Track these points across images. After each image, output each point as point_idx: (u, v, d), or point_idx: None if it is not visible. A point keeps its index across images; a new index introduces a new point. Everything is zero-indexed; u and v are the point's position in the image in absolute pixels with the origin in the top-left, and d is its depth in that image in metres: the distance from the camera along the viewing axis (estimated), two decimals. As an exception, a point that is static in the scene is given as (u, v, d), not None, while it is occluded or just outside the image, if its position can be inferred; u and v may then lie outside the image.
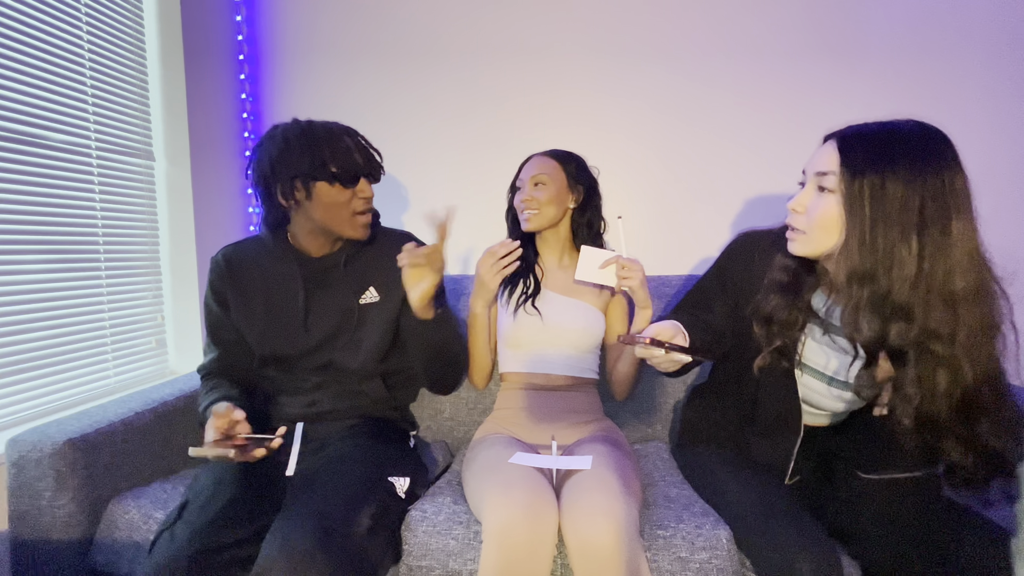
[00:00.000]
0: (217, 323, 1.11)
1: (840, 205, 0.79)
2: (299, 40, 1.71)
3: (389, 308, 1.11)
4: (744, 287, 0.97)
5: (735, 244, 1.04)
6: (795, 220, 0.86)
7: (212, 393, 1.03)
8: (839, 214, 0.79)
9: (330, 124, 1.04)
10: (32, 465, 0.96)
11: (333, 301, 1.09)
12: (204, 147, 1.57)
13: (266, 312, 1.08)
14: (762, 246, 0.97)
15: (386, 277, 1.10)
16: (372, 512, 0.87)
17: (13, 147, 1.14)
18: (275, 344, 1.08)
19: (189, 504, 0.89)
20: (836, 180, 0.79)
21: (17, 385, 1.16)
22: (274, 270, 1.09)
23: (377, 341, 1.10)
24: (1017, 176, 1.54)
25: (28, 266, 1.18)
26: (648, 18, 1.62)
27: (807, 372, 0.94)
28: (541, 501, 0.86)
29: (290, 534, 0.79)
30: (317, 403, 1.09)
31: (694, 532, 0.90)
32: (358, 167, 1.02)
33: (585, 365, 1.25)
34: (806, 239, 0.85)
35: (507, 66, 1.67)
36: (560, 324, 1.21)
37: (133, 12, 1.44)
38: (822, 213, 0.81)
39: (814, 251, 0.85)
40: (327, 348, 1.09)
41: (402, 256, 0.98)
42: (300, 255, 1.09)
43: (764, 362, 0.91)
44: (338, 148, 0.99)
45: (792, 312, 0.89)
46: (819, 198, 0.82)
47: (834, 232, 0.81)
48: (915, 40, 1.56)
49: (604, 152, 1.66)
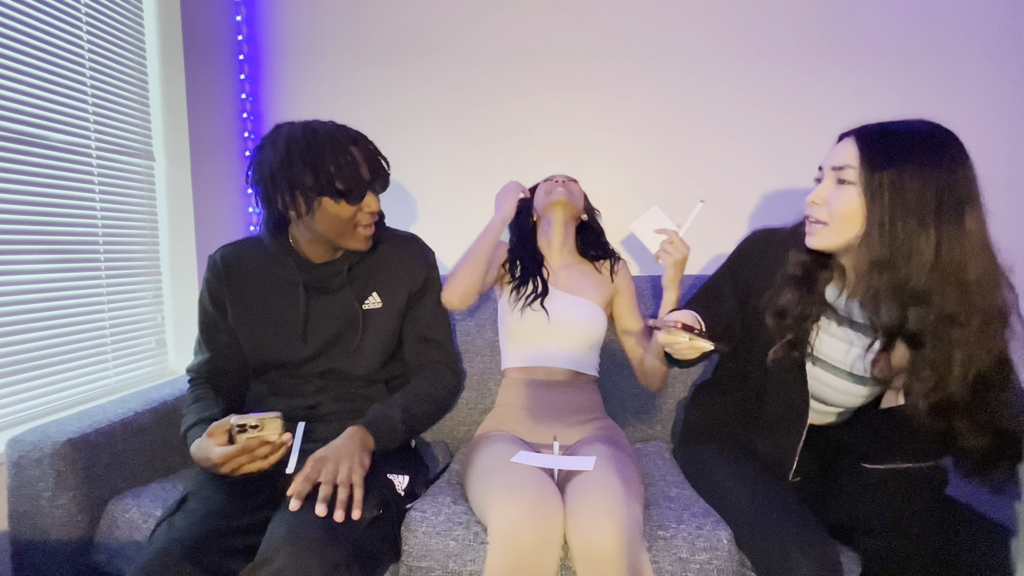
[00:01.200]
0: (211, 325, 1.08)
1: (860, 197, 0.82)
2: (299, 40, 1.71)
3: (391, 313, 1.09)
4: (754, 283, 1.00)
5: (748, 241, 1.06)
6: (815, 212, 0.89)
7: (193, 408, 1.01)
8: (859, 205, 0.83)
9: (336, 132, 0.97)
10: (32, 465, 0.96)
11: (335, 308, 1.07)
12: (204, 147, 1.57)
13: (265, 318, 1.05)
14: (775, 243, 0.99)
15: (389, 282, 1.09)
16: (373, 505, 0.87)
17: (13, 147, 1.14)
18: (274, 351, 1.06)
19: (189, 497, 0.89)
20: (856, 173, 0.83)
21: (17, 385, 1.16)
22: (274, 275, 1.06)
23: (380, 347, 1.09)
24: (1017, 175, 1.54)
25: (28, 266, 1.18)
26: (650, 17, 1.62)
27: (820, 366, 0.95)
28: (547, 503, 0.86)
29: (296, 521, 0.79)
30: (319, 406, 1.07)
31: (694, 533, 0.90)
32: (364, 182, 0.97)
33: (586, 361, 1.26)
34: (828, 231, 0.87)
35: (508, 66, 1.66)
36: (563, 319, 1.24)
37: (133, 12, 1.44)
38: (842, 204, 0.84)
39: (834, 243, 0.87)
40: (328, 355, 1.07)
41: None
42: (301, 260, 1.06)
43: (777, 355, 0.93)
44: (343, 162, 0.94)
45: (806, 306, 0.92)
46: (838, 191, 0.85)
47: (854, 223, 0.84)
48: (920, 39, 1.55)
49: (607, 152, 1.67)
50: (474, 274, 1.20)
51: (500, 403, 1.26)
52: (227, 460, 0.87)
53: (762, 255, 1.01)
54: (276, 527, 0.81)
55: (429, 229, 1.73)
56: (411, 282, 1.11)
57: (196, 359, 1.10)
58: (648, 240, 1.15)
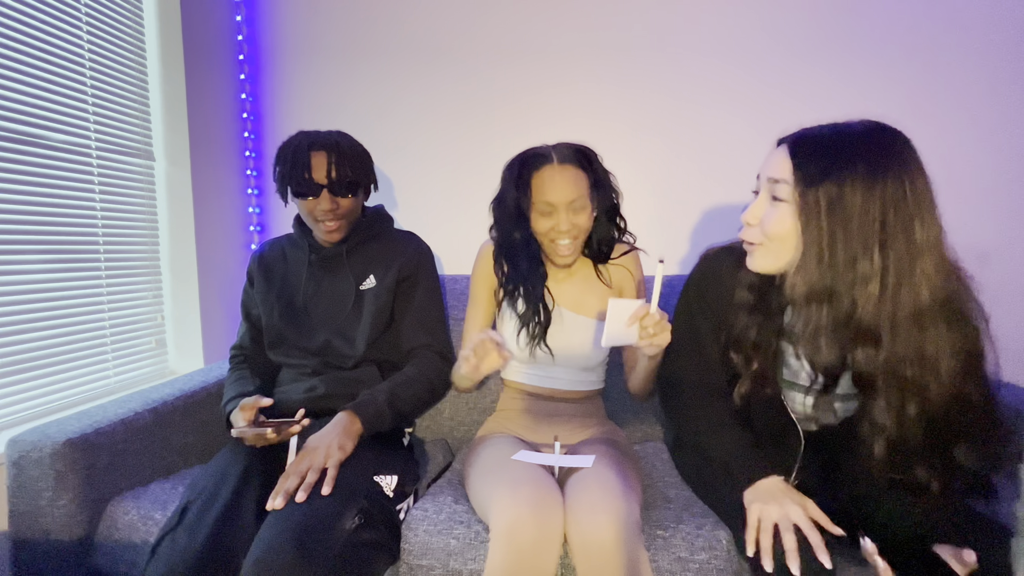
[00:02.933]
0: (247, 303, 1.26)
1: (795, 217, 0.73)
2: (299, 40, 1.71)
3: (382, 290, 1.18)
4: (724, 305, 0.91)
5: (705, 264, 0.97)
6: (748, 234, 0.81)
7: (234, 386, 1.14)
8: (794, 226, 0.73)
9: (304, 138, 1.11)
10: (32, 465, 0.96)
11: (335, 287, 1.19)
12: (204, 147, 1.57)
13: (278, 292, 1.19)
14: (728, 263, 0.92)
15: (383, 263, 1.20)
16: (356, 513, 0.87)
17: (13, 147, 1.14)
18: (281, 320, 1.17)
19: (189, 507, 0.89)
20: (789, 190, 0.73)
21: (17, 385, 1.16)
22: (292, 256, 1.23)
23: (370, 323, 1.16)
24: (1018, 174, 1.54)
25: (28, 266, 1.18)
26: (651, 18, 1.62)
27: (796, 390, 0.90)
28: (548, 500, 0.86)
29: (268, 542, 0.79)
30: (315, 388, 1.13)
31: (694, 532, 0.90)
32: (311, 183, 1.09)
33: (592, 379, 1.23)
34: (763, 252, 0.79)
35: (507, 66, 1.67)
36: (569, 347, 1.15)
37: (133, 12, 1.44)
38: (775, 224, 0.75)
39: (773, 266, 0.80)
40: (324, 329, 1.16)
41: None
42: (314, 244, 1.20)
43: (745, 388, 0.87)
44: (295, 165, 1.08)
45: (762, 332, 0.84)
46: (772, 208, 0.76)
47: (790, 245, 0.75)
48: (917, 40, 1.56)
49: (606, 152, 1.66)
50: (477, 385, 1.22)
51: (501, 407, 1.25)
52: (243, 437, 0.99)
53: (718, 276, 0.92)
54: (253, 550, 0.80)
55: (428, 229, 1.73)
56: (402, 264, 1.20)
57: (239, 334, 1.27)
58: (624, 339, 0.93)
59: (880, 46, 1.57)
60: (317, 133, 1.13)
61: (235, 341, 1.27)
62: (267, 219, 1.77)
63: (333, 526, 0.84)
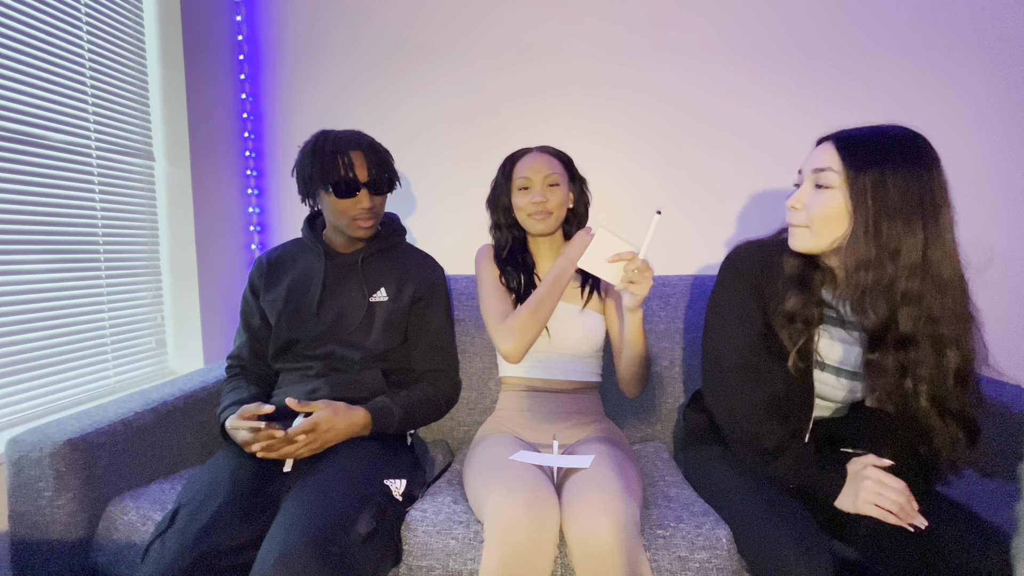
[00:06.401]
0: (248, 311, 1.23)
1: (843, 199, 0.84)
2: (299, 40, 1.71)
3: (395, 308, 1.18)
4: (767, 284, 0.95)
5: (740, 252, 1.00)
6: (794, 217, 0.91)
7: (231, 395, 1.13)
8: (842, 208, 0.84)
9: (342, 136, 1.11)
10: (32, 465, 0.96)
11: (346, 294, 1.19)
12: (204, 147, 1.57)
13: (288, 296, 1.18)
14: (766, 251, 0.97)
15: (397, 281, 1.20)
16: (369, 516, 0.87)
17: (13, 147, 1.14)
18: (290, 325, 1.17)
19: (180, 510, 0.88)
20: (838, 177, 0.84)
21: (17, 385, 1.16)
22: (304, 261, 1.22)
23: (379, 336, 1.16)
24: (1017, 173, 1.54)
25: (28, 266, 1.18)
26: (650, 20, 1.62)
27: (827, 371, 0.95)
28: (543, 500, 0.86)
29: (287, 543, 0.79)
30: (318, 390, 1.12)
31: (694, 532, 0.91)
32: (355, 182, 1.09)
33: (587, 369, 1.24)
34: (808, 234, 0.89)
35: (507, 66, 1.67)
36: (562, 332, 1.19)
37: (133, 12, 1.44)
38: (821, 208, 0.86)
39: (816, 245, 0.89)
40: (333, 335, 1.16)
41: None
42: (328, 250, 1.20)
43: (793, 364, 0.92)
44: (336, 164, 1.08)
45: (809, 308, 0.92)
46: (817, 194, 0.87)
47: (835, 225, 0.85)
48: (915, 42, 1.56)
49: (605, 153, 1.67)
50: (542, 325, 1.10)
51: (500, 407, 1.25)
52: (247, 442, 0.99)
53: (762, 262, 0.96)
54: (268, 549, 0.80)
55: (428, 228, 1.74)
56: (418, 285, 1.21)
57: (236, 344, 1.24)
58: (604, 272, 0.95)
59: (880, 46, 1.57)
60: (347, 132, 1.12)
61: (232, 351, 1.24)
62: (267, 219, 1.78)
63: (350, 528, 0.84)
